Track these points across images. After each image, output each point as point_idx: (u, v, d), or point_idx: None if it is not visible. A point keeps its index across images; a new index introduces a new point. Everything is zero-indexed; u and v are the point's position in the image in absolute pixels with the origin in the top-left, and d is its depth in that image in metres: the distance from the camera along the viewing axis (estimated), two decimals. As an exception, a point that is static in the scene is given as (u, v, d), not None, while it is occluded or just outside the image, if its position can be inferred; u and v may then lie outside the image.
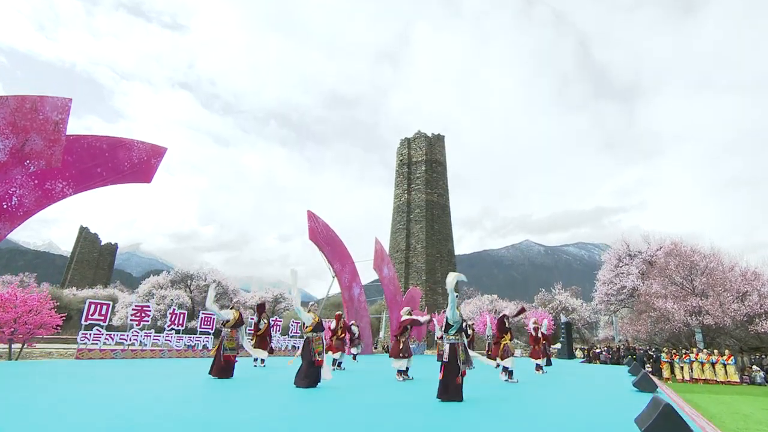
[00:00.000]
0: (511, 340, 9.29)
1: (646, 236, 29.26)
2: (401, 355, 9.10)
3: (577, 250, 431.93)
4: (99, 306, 12.59)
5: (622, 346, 23.57)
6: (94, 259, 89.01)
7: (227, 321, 8.94)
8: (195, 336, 15.91)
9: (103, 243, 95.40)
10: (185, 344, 15.27)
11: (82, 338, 12.24)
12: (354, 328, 16.78)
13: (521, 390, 7.77)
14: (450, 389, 6.12)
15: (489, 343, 14.37)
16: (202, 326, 16.24)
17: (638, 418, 4.50)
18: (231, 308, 9.09)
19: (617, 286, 28.36)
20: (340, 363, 11.83)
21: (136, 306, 13.90)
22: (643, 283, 25.84)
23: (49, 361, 11.72)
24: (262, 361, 11.45)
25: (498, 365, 9.10)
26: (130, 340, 13.46)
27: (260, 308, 11.72)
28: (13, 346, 11.32)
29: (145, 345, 13.86)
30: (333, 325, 11.99)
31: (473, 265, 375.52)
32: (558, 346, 25.83)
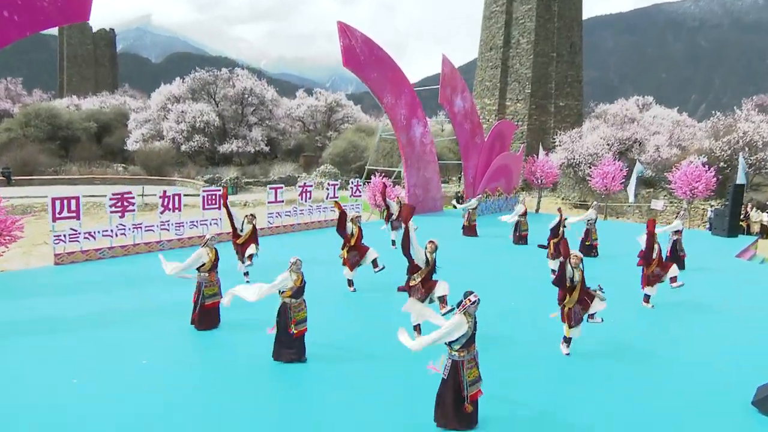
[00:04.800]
0: (577, 302, 8.47)
1: None
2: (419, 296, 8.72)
3: None
4: (67, 201, 13.67)
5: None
6: (90, 54, 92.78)
7: (201, 265, 9.32)
8: (201, 220, 17.17)
9: (95, 30, 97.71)
10: (187, 231, 16.68)
11: (56, 240, 13.76)
12: (393, 205, 16.84)
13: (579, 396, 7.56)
14: (448, 415, 6.25)
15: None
16: (206, 205, 17.37)
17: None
18: (203, 245, 9.30)
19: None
20: (376, 263, 12.05)
21: (114, 194, 14.91)
22: None
23: (26, 272, 13.64)
24: (249, 257, 12.13)
25: (567, 340, 8.73)
26: (116, 234, 14.91)
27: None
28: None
29: (136, 239, 15.34)
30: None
31: (631, 30, 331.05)
32: (710, 212, 24.28)
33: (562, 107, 40.60)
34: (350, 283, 12.13)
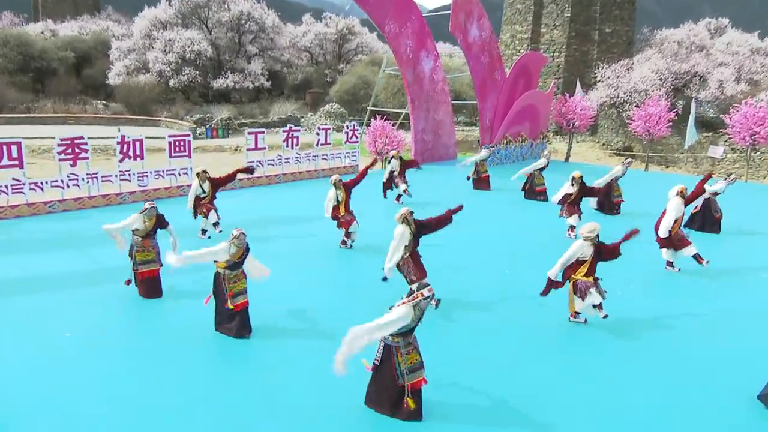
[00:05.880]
0: (593, 274, 8.51)
1: None
2: (409, 280, 8.90)
3: None
4: (7, 147, 13.71)
5: None
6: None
7: (136, 229, 9.35)
8: (168, 169, 17.17)
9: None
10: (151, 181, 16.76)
11: (-4, 192, 13.91)
12: (394, 163, 16.65)
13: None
14: (381, 400, 6.33)
15: None
16: (174, 152, 17.35)
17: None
18: (142, 212, 9.29)
19: None
20: (349, 234, 12.41)
21: (62, 140, 14.88)
22: None
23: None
24: (216, 224, 12.59)
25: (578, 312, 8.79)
26: (67, 186, 15.01)
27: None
28: None
29: (91, 191, 15.44)
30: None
31: None
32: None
33: (607, 35, 38.97)
34: (347, 235, 12.31)
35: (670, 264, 11.51)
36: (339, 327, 8.47)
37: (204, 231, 12.68)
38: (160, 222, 9.58)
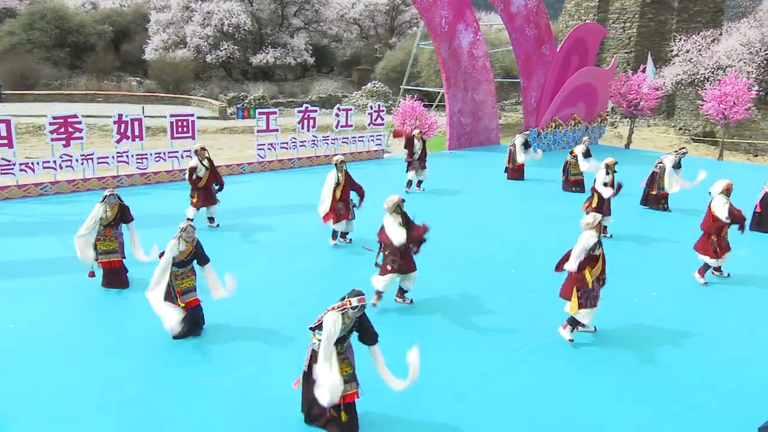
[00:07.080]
0: (600, 274, 8.20)
1: None
2: (389, 267, 8.95)
3: None
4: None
5: None
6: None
7: (100, 218, 9.65)
8: (170, 151, 17.65)
9: None
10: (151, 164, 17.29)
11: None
12: (416, 144, 16.52)
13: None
14: (315, 413, 6.33)
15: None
16: (177, 133, 17.81)
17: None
18: (101, 202, 9.58)
19: None
20: (345, 234, 12.44)
21: (55, 118, 15.52)
22: None
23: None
24: (212, 220, 13.10)
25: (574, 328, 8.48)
26: (60, 167, 15.67)
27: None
28: None
29: (86, 173, 16.07)
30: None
31: None
32: None
33: (690, 1, 37.31)
34: (334, 235, 12.23)
35: (717, 269, 11.03)
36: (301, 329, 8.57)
37: (211, 219, 13.09)
38: (124, 213, 9.78)
